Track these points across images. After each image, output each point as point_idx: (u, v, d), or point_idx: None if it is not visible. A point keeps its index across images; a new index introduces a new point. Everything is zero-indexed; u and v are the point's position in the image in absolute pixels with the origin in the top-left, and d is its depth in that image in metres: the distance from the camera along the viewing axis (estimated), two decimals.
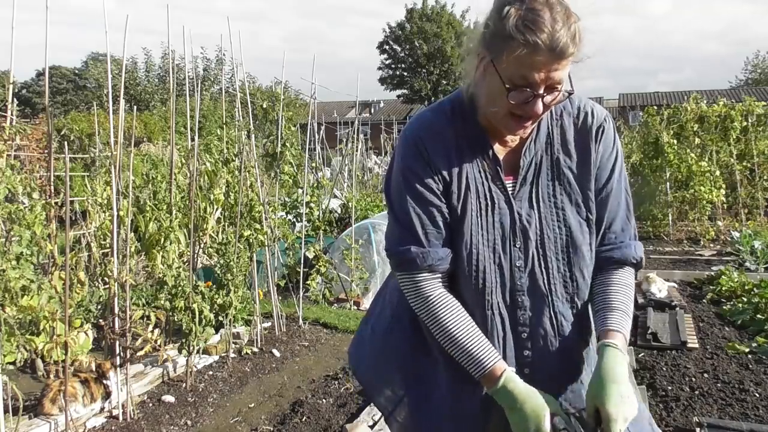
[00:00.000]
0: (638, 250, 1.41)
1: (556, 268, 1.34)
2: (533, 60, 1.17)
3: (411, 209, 1.34)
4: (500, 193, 1.35)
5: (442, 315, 1.33)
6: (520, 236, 1.33)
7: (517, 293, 1.34)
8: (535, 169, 1.36)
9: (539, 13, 1.17)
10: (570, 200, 1.35)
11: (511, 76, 1.20)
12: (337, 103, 29.54)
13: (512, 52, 1.17)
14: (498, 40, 1.20)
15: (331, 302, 6.02)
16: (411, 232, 1.35)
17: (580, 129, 1.38)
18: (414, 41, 37.50)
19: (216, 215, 5.55)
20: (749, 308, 5.00)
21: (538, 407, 1.23)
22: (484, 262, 1.33)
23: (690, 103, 10.16)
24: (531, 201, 1.35)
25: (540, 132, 1.37)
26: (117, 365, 3.49)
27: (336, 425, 3.40)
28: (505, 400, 1.26)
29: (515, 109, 1.24)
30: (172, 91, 4.70)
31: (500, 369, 1.28)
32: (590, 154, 1.37)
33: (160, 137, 17.81)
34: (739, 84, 45.55)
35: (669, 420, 3.20)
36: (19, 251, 2.99)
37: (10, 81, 3.23)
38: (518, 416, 1.24)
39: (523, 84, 1.21)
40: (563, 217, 1.34)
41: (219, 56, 29.53)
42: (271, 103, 5.59)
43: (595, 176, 1.38)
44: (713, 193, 9.21)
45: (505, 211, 1.34)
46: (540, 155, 1.36)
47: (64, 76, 38.40)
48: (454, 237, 1.35)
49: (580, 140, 1.38)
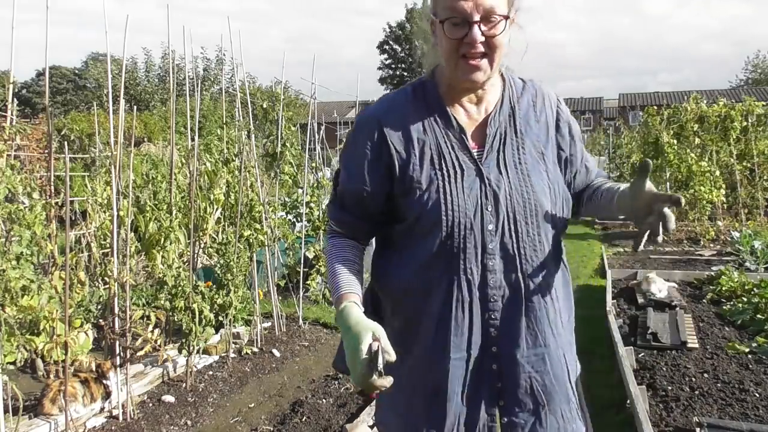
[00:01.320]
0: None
1: (525, 231, 1.38)
2: None
3: (346, 175, 1.47)
4: (468, 161, 1.40)
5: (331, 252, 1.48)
6: (491, 200, 1.38)
7: (488, 256, 1.37)
8: (501, 139, 1.42)
9: None
10: (534, 169, 1.42)
11: (444, 12, 1.31)
12: (337, 103, 29.52)
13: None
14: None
15: (331, 302, 6.01)
16: (340, 197, 1.49)
17: (539, 107, 1.48)
18: (414, 41, 37.48)
19: (216, 215, 5.55)
20: (749, 308, 4.99)
21: (362, 330, 1.25)
22: (459, 227, 1.36)
23: (690, 103, 10.16)
24: (499, 167, 1.40)
25: (503, 106, 1.45)
26: (117, 365, 3.49)
27: (336, 425, 3.40)
28: (341, 323, 1.32)
29: (460, 47, 1.32)
30: (172, 91, 4.70)
31: (345, 299, 1.36)
32: (549, 127, 1.48)
33: (160, 137, 17.82)
34: (739, 84, 45.56)
35: (669, 420, 3.20)
36: (19, 251, 2.99)
37: (10, 81, 3.23)
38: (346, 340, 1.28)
39: (455, 16, 1.30)
40: (530, 183, 1.40)
41: (219, 56, 29.53)
42: (271, 103, 5.59)
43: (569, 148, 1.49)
44: (713, 193, 9.21)
45: (474, 177, 1.39)
46: (504, 126, 1.43)
47: (64, 76, 38.40)
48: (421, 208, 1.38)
49: (540, 114, 1.48)
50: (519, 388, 1.40)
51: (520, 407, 1.41)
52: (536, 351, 1.41)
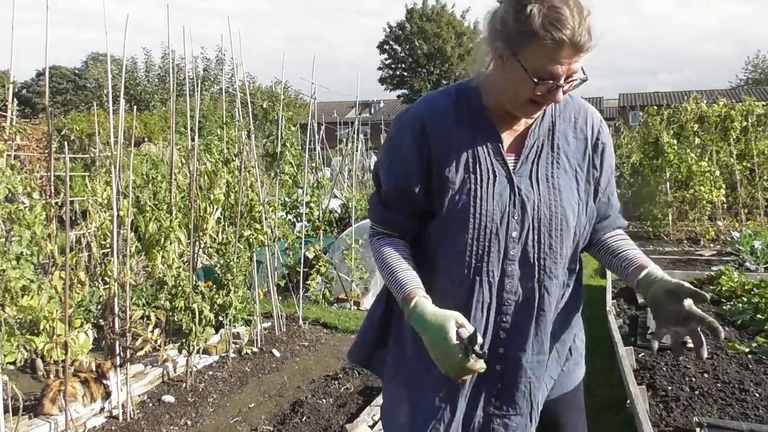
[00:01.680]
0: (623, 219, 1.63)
1: (548, 243, 1.43)
2: (558, 55, 1.28)
3: (389, 173, 1.49)
4: (501, 168, 1.44)
5: (383, 251, 1.49)
6: (518, 209, 1.42)
7: (509, 262, 1.42)
8: (537, 151, 1.46)
9: (560, 11, 1.26)
10: (566, 184, 1.46)
11: (536, 70, 1.30)
12: (337, 103, 29.53)
13: (537, 48, 1.28)
14: (521, 37, 1.29)
15: (331, 302, 6.02)
16: (379, 189, 1.53)
17: (580, 124, 1.51)
18: (414, 41, 37.51)
19: (216, 215, 5.55)
20: (749, 308, 4.99)
21: (445, 319, 1.30)
22: (485, 231, 1.41)
23: (690, 103, 10.16)
24: (531, 178, 1.44)
25: (544, 119, 1.48)
26: (117, 365, 3.49)
27: (336, 425, 3.40)
28: (418, 321, 1.34)
29: (537, 97, 1.35)
30: (172, 91, 4.70)
31: (415, 294, 1.38)
32: (587, 147, 1.50)
33: (160, 137, 17.82)
34: (740, 84, 45.54)
35: (669, 420, 3.20)
36: (19, 251, 2.99)
37: (10, 81, 3.23)
38: (429, 332, 1.31)
39: (548, 77, 1.31)
40: (560, 197, 1.44)
41: (219, 56, 29.53)
42: (271, 103, 5.59)
43: (603, 173, 1.52)
44: (713, 193, 9.21)
45: (505, 185, 1.43)
46: (542, 140, 1.47)
47: (64, 76, 38.39)
48: (452, 209, 1.42)
49: (579, 134, 1.50)
50: (518, 391, 1.46)
51: (515, 410, 1.46)
52: (539, 357, 1.47)
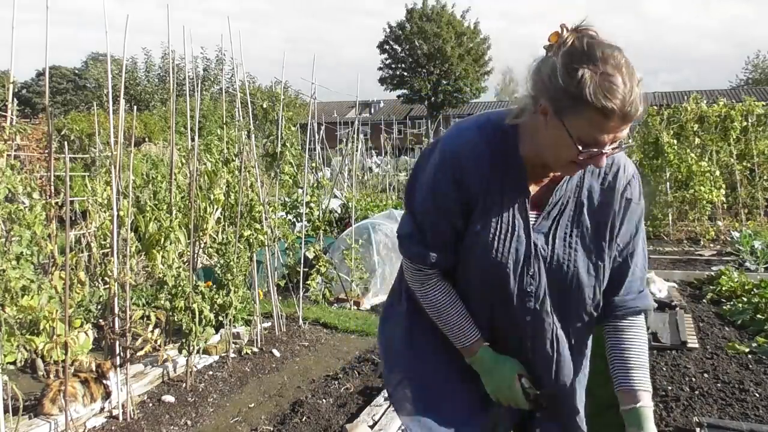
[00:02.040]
0: (650, 298, 1.55)
1: (561, 300, 1.46)
2: (606, 125, 1.22)
3: (428, 214, 1.46)
4: (522, 222, 1.43)
5: (433, 297, 1.52)
6: (534, 265, 1.43)
7: (524, 313, 1.46)
8: (560, 209, 1.44)
9: (613, 79, 1.19)
10: (583, 245, 1.44)
11: (582, 136, 1.25)
12: (337, 103, 29.54)
13: (585, 115, 1.21)
14: (568, 100, 1.22)
15: (331, 302, 6.02)
16: (421, 231, 1.48)
17: (610, 181, 1.45)
18: (414, 41, 37.47)
19: (216, 215, 5.55)
20: (749, 308, 5.00)
21: (509, 369, 1.49)
22: (498, 281, 1.44)
23: (690, 103, 10.15)
24: (548, 236, 1.44)
25: (573, 175, 1.43)
26: (117, 365, 3.49)
27: (336, 425, 3.40)
28: (481, 366, 1.51)
29: (580, 160, 1.29)
30: (172, 91, 4.70)
31: (478, 345, 1.50)
32: (612, 206, 1.45)
33: (160, 137, 17.82)
34: (740, 84, 45.54)
35: (669, 420, 3.20)
36: (19, 251, 2.99)
37: (10, 81, 3.23)
38: (493, 380, 1.50)
39: (593, 144, 1.25)
40: (574, 258, 1.43)
41: (219, 56, 29.51)
42: (271, 103, 5.58)
43: (622, 230, 1.46)
44: (713, 193, 9.21)
45: (522, 240, 1.43)
46: (568, 197, 1.44)
47: (64, 76, 38.38)
48: (469, 249, 1.46)
49: (607, 191, 1.45)
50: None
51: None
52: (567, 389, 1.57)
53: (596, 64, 1.20)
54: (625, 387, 1.43)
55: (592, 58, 1.20)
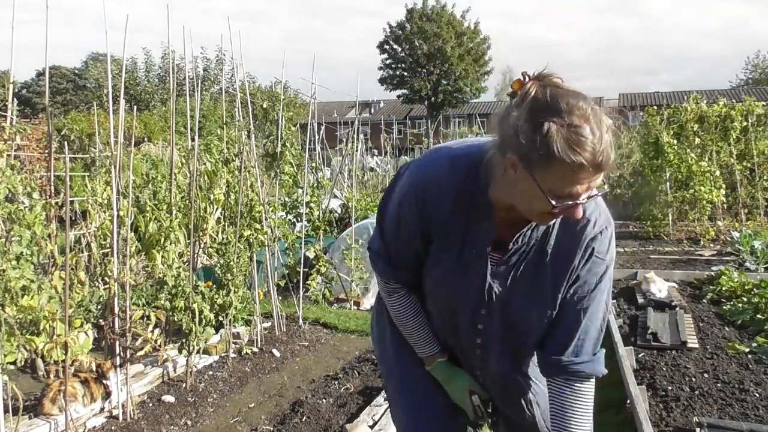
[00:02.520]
0: (603, 364, 1.47)
1: (508, 342, 1.52)
2: (578, 177, 1.17)
3: (394, 236, 1.51)
4: (480, 264, 1.43)
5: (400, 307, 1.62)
6: (486, 306, 1.47)
7: (475, 346, 1.56)
8: (521, 256, 1.41)
9: (581, 131, 1.14)
10: (539, 293, 1.42)
11: (554, 191, 1.19)
12: (337, 103, 29.55)
13: (555, 170, 1.16)
14: (536, 155, 1.16)
15: (331, 302, 6.02)
16: (387, 252, 1.55)
17: (577, 232, 1.38)
18: (414, 41, 37.44)
19: (216, 215, 5.55)
20: (749, 308, 4.99)
21: (460, 386, 1.64)
22: (451, 313, 1.53)
23: (690, 103, 10.15)
24: (506, 281, 1.43)
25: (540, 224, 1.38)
26: (117, 365, 3.49)
27: (336, 425, 3.40)
28: (438, 376, 1.66)
29: (554, 212, 1.24)
30: (172, 91, 4.70)
31: (434, 359, 1.63)
32: (573, 259, 1.39)
33: (160, 137, 17.79)
34: (740, 84, 45.53)
35: (669, 420, 3.20)
36: (19, 251, 2.99)
37: (10, 81, 3.23)
38: (449, 389, 1.66)
39: (566, 197, 1.20)
40: (528, 305, 1.44)
41: (219, 56, 29.53)
42: (271, 103, 5.59)
43: (578, 283, 1.40)
44: (713, 193, 9.20)
45: (477, 282, 1.44)
46: (532, 245, 1.40)
47: (64, 76, 38.36)
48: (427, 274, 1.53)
49: (572, 244, 1.39)
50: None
51: None
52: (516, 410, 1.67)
53: (562, 117, 1.14)
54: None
55: (556, 111, 1.15)
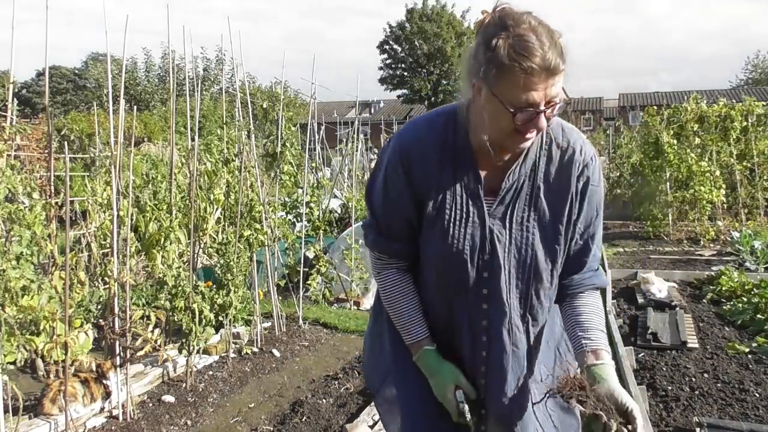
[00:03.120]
0: (605, 277, 1.58)
1: (515, 285, 1.46)
2: (531, 83, 1.26)
3: (383, 205, 1.51)
4: (477, 208, 1.45)
5: (389, 290, 1.56)
6: (488, 250, 1.44)
7: (482, 298, 1.46)
8: (515, 193, 1.45)
9: (527, 38, 1.25)
10: (540, 228, 1.45)
11: (513, 100, 1.28)
12: (337, 103, 29.54)
13: (509, 79, 1.26)
14: (492, 70, 1.28)
15: (331, 302, 6.02)
16: (377, 221, 1.55)
17: (565, 163, 1.45)
18: (414, 41, 37.49)
19: (216, 215, 5.54)
20: (749, 308, 5.00)
21: (445, 380, 1.49)
22: (455, 267, 1.45)
23: (690, 103, 10.15)
24: (504, 221, 1.44)
25: (527, 159, 1.44)
26: (117, 365, 3.49)
27: (336, 425, 3.40)
28: (423, 368, 1.53)
29: (520, 127, 1.32)
30: (172, 91, 4.70)
31: (420, 346, 1.52)
32: (569, 188, 1.45)
33: (160, 137, 17.80)
34: (740, 84, 45.54)
35: (669, 420, 3.20)
36: (19, 251, 2.99)
37: (10, 81, 3.23)
38: (432, 383, 1.52)
39: (525, 105, 1.28)
40: (531, 241, 1.44)
41: (219, 56, 29.52)
42: (271, 103, 5.59)
43: (582, 214, 1.47)
44: (713, 193, 9.20)
45: (477, 226, 1.44)
46: (522, 180, 1.45)
47: (64, 76, 38.39)
48: (427, 239, 1.48)
49: (563, 174, 1.45)
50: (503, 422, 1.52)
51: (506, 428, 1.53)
52: (517, 384, 1.51)
53: (508, 30, 1.26)
54: (593, 346, 1.42)
55: (504, 27, 1.27)
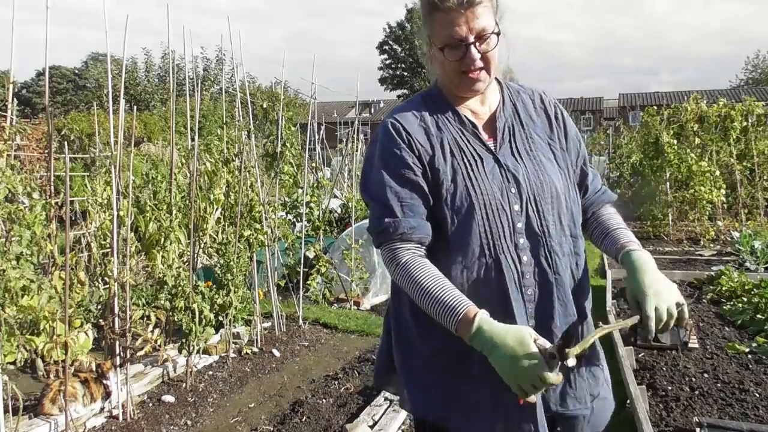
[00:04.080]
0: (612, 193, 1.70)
1: (547, 210, 1.47)
2: (450, 18, 1.39)
3: (387, 186, 1.46)
4: (485, 151, 1.50)
5: (416, 273, 1.40)
6: (513, 183, 1.47)
7: (518, 235, 1.45)
8: (510, 131, 1.54)
9: None
10: (544, 155, 1.53)
11: (442, 39, 1.43)
12: (337, 103, 29.54)
13: (436, 23, 1.42)
14: (426, 22, 1.46)
15: (331, 302, 6.02)
16: (386, 206, 1.46)
17: (537, 103, 1.60)
18: (414, 41, 37.47)
19: (216, 215, 5.54)
20: (749, 308, 5.00)
21: (521, 334, 1.26)
22: (491, 208, 1.44)
23: (690, 103, 10.15)
24: (513, 155, 1.51)
25: (505, 105, 1.57)
26: (117, 365, 3.49)
27: (336, 425, 3.40)
28: (484, 342, 1.28)
29: (460, 66, 1.44)
30: (172, 91, 4.70)
31: (473, 312, 1.31)
32: (551, 120, 1.58)
33: (160, 137, 17.80)
34: (740, 84, 45.55)
35: (669, 420, 3.20)
36: (19, 251, 2.99)
37: (10, 81, 3.23)
38: (502, 352, 1.25)
39: (453, 41, 1.41)
40: (543, 167, 1.50)
41: (219, 56, 29.59)
42: (271, 103, 5.58)
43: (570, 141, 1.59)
44: (713, 193, 9.20)
45: (493, 164, 1.48)
46: (511, 121, 1.55)
47: (64, 76, 38.42)
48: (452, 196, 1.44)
49: (540, 111, 1.59)
50: None
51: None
52: (567, 320, 1.47)
53: None
54: (624, 240, 1.52)
55: None
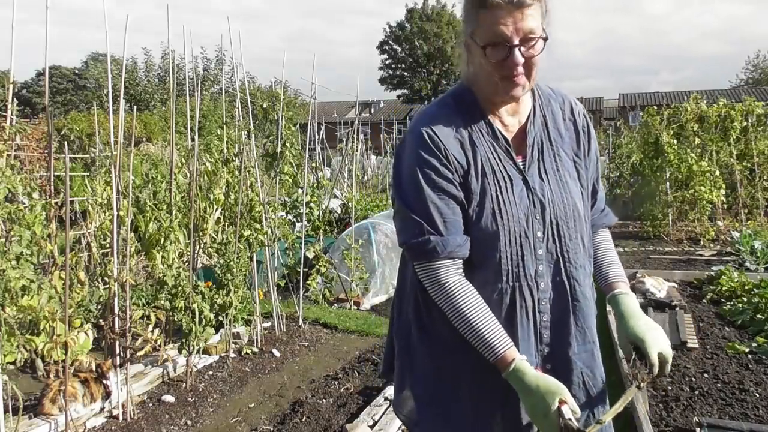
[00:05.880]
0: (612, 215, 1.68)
1: (567, 236, 1.45)
2: (497, 16, 1.31)
3: (429, 201, 1.40)
4: (514, 170, 1.45)
5: (460, 301, 1.38)
6: (538, 208, 1.43)
7: (538, 262, 1.43)
8: (539, 148, 1.48)
9: None
10: (569, 175, 1.49)
11: (485, 38, 1.34)
12: (337, 103, 29.56)
13: (481, 21, 1.34)
14: (469, 18, 1.38)
15: (331, 302, 6.02)
16: (429, 223, 1.40)
17: (567, 114, 1.54)
18: (414, 41, 37.50)
19: (216, 215, 5.55)
20: (749, 308, 4.99)
21: (550, 391, 1.29)
22: (515, 235, 1.41)
23: (690, 103, 10.14)
24: (540, 175, 1.46)
25: (536, 115, 1.50)
26: (117, 365, 3.49)
27: (336, 425, 3.40)
28: (517, 383, 1.33)
29: (500, 68, 1.35)
30: (172, 91, 4.70)
31: (511, 356, 1.34)
32: (580, 137, 1.53)
33: (160, 137, 17.80)
34: (740, 84, 45.55)
35: (669, 420, 3.20)
36: (19, 251, 2.99)
37: (10, 81, 3.23)
38: (533, 399, 1.30)
39: (497, 41, 1.33)
40: (568, 189, 1.47)
41: (219, 56, 29.51)
42: (271, 103, 5.58)
43: (591, 159, 1.55)
44: (713, 193, 9.20)
45: (522, 187, 1.44)
46: (540, 136, 1.49)
47: (64, 76, 38.41)
48: (477, 218, 1.41)
49: (569, 123, 1.54)
50: (572, 384, 1.45)
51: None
52: (585, 348, 1.49)
53: None
54: (614, 279, 1.53)
55: None
